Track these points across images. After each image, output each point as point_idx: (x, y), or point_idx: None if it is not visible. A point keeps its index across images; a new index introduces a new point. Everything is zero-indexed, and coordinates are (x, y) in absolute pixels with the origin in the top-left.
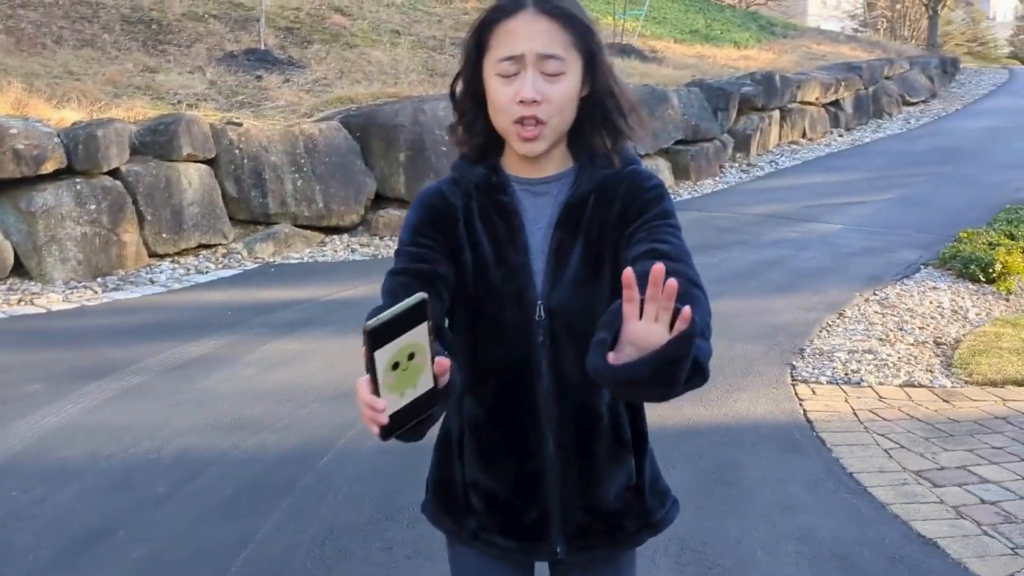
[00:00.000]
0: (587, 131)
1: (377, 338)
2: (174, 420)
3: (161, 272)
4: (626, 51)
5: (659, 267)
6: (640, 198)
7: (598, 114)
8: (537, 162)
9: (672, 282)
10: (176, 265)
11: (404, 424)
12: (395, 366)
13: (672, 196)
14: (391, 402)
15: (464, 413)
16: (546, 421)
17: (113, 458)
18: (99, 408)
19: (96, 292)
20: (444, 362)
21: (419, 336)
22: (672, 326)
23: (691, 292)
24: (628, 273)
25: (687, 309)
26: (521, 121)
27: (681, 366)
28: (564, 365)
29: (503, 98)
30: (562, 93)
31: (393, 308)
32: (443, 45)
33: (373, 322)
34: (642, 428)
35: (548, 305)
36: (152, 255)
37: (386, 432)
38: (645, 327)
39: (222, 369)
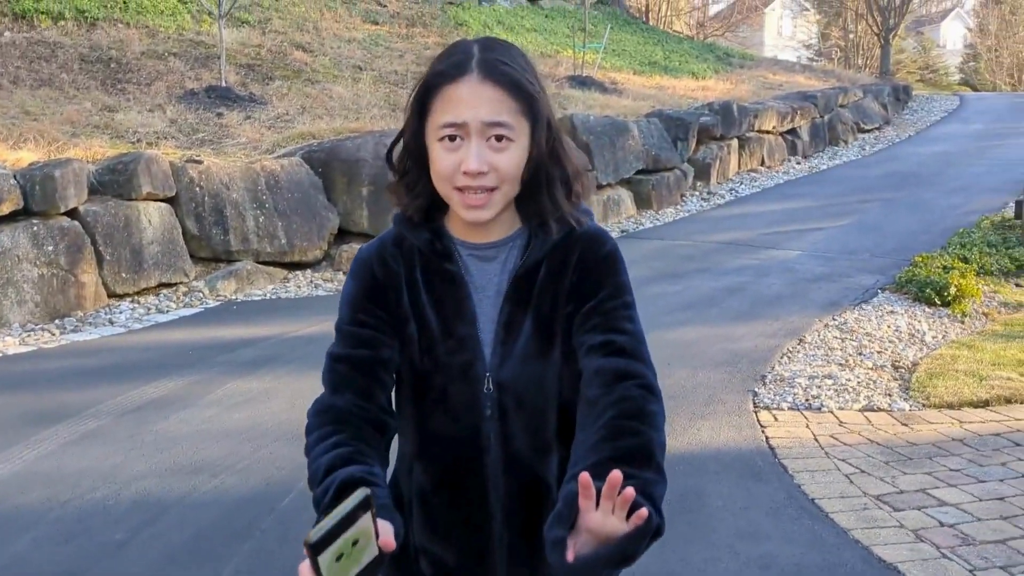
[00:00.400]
0: (534, 194)
1: (320, 546)
2: (132, 464)
3: (121, 312)
4: (586, 83)
5: (616, 476)
6: (595, 270)
7: (544, 179)
8: (484, 226)
9: (629, 491)
10: (136, 305)
11: None
12: (339, 557)
13: (634, 225)
14: None
15: (413, 480)
16: (494, 494)
17: (69, 505)
18: (55, 454)
19: (54, 334)
20: (388, 540)
21: (363, 524)
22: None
23: (646, 410)
24: (584, 477)
25: (643, 510)
26: (464, 189)
27: (637, 555)
28: (513, 439)
29: (446, 166)
30: (509, 162)
31: (334, 514)
32: (405, 80)
33: (314, 534)
34: None
35: (497, 379)
36: (111, 295)
37: None
38: (602, 519)
39: (182, 410)
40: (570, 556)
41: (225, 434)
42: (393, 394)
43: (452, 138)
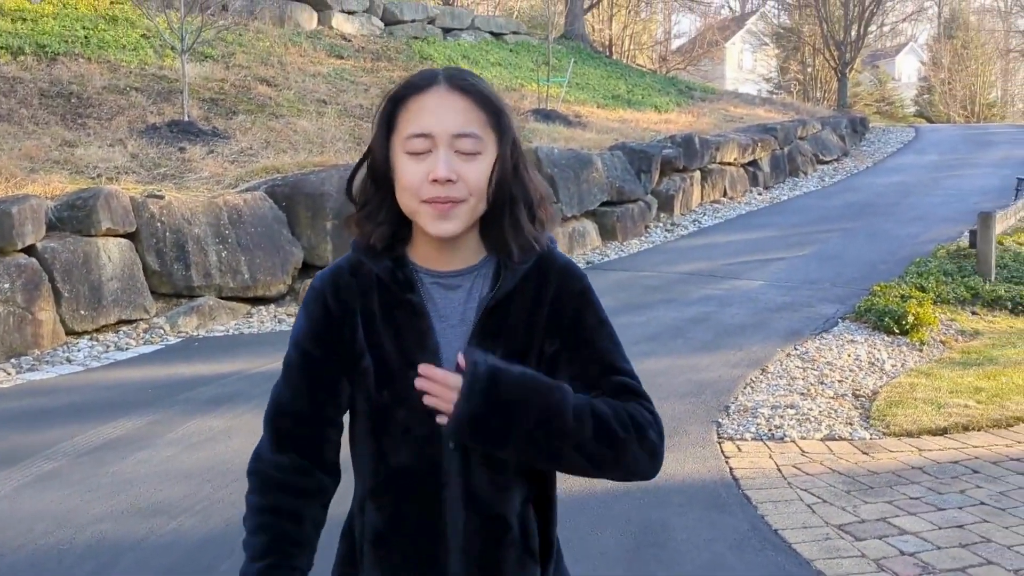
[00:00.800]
0: (498, 220)
1: None
2: (88, 507)
3: (79, 350)
4: (550, 116)
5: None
6: (571, 305)
7: (508, 200)
8: (448, 252)
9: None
10: (95, 342)
11: None
12: None
13: (599, 256)
14: None
15: (366, 519)
16: (451, 530)
17: (22, 550)
18: (8, 497)
19: (9, 374)
20: None
21: None
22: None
23: (644, 426)
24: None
25: (460, 356)
26: (432, 201)
27: (474, 404)
28: (474, 474)
29: (413, 177)
30: (478, 172)
31: None
32: (370, 113)
33: None
34: (551, 537)
35: None
36: (70, 333)
37: None
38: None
39: (140, 450)
40: (440, 419)
41: (185, 474)
42: (348, 429)
43: (419, 150)
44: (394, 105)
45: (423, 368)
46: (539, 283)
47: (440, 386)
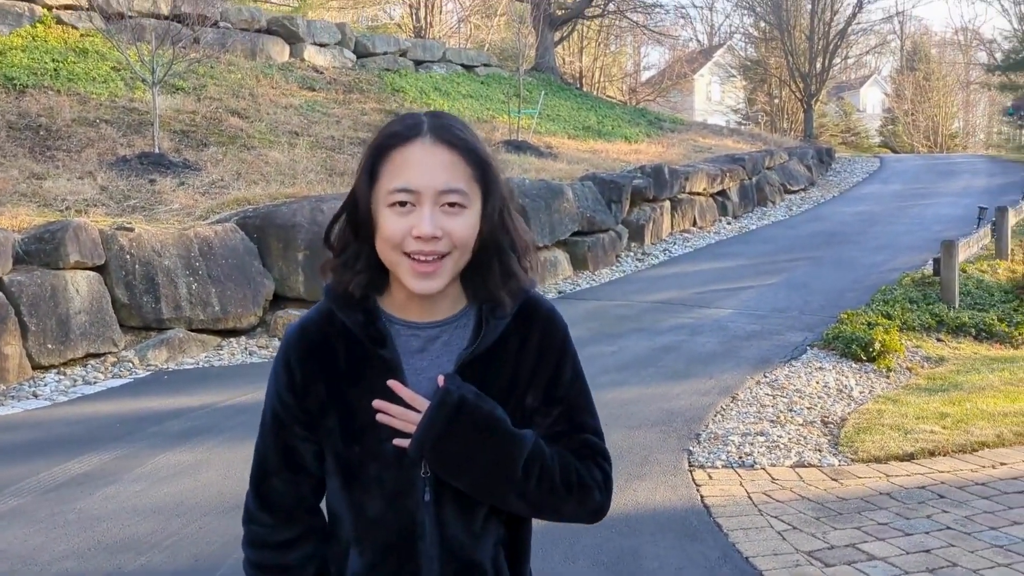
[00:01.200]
0: (482, 270)
1: None
2: (53, 544)
3: (45, 385)
4: (522, 147)
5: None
6: (552, 358)
7: (493, 252)
8: (427, 303)
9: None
10: (62, 376)
11: None
12: None
13: (571, 286)
14: None
15: (349, 568)
16: None
17: None
18: None
19: None
20: None
21: None
22: None
23: (591, 488)
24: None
25: (441, 377)
26: (414, 255)
27: (438, 424)
28: (449, 525)
29: (396, 231)
30: (464, 227)
31: None
32: (342, 145)
33: None
34: (524, 573)
35: None
36: (36, 367)
37: None
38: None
39: (107, 486)
40: (400, 442)
41: (153, 510)
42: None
43: (403, 203)
44: (377, 155)
45: (391, 382)
46: (523, 333)
47: (404, 409)
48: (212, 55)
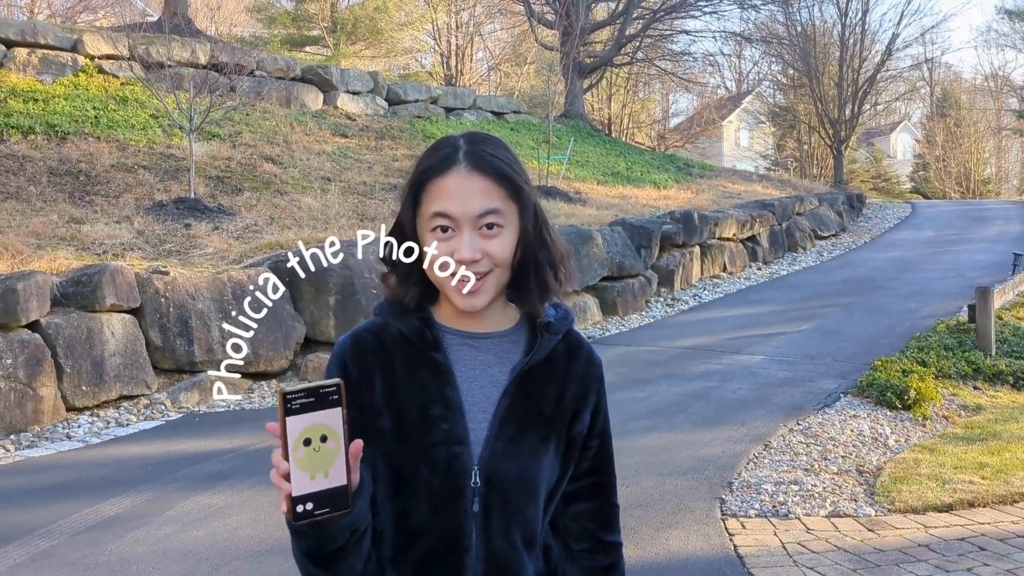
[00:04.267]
0: (523, 284)
1: (290, 404)
2: None
3: (79, 426)
4: (551, 193)
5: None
6: (591, 390)
7: (533, 262)
8: (477, 315)
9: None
10: (95, 418)
11: (313, 514)
12: (307, 442)
13: (600, 331)
14: (301, 480)
15: None
16: None
17: None
18: None
19: (8, 450)
20: (358, 444)
21: (332, 420)
22: None
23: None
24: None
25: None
26: (457, 275)
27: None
28: (495, 538)
29: (439, 253)
30: (502, 247)
31: (311, 383)
32: (373, 190)
33: (288, 385)
34: None
35: (486, 472)
36: (70, 408)
37: (294, 513)
38: None
39: (138, 528)
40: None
41: (183, 553)
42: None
43: (444, 228)
44: (418, 186)
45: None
46: (569, 358)
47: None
48: (248, 103)
